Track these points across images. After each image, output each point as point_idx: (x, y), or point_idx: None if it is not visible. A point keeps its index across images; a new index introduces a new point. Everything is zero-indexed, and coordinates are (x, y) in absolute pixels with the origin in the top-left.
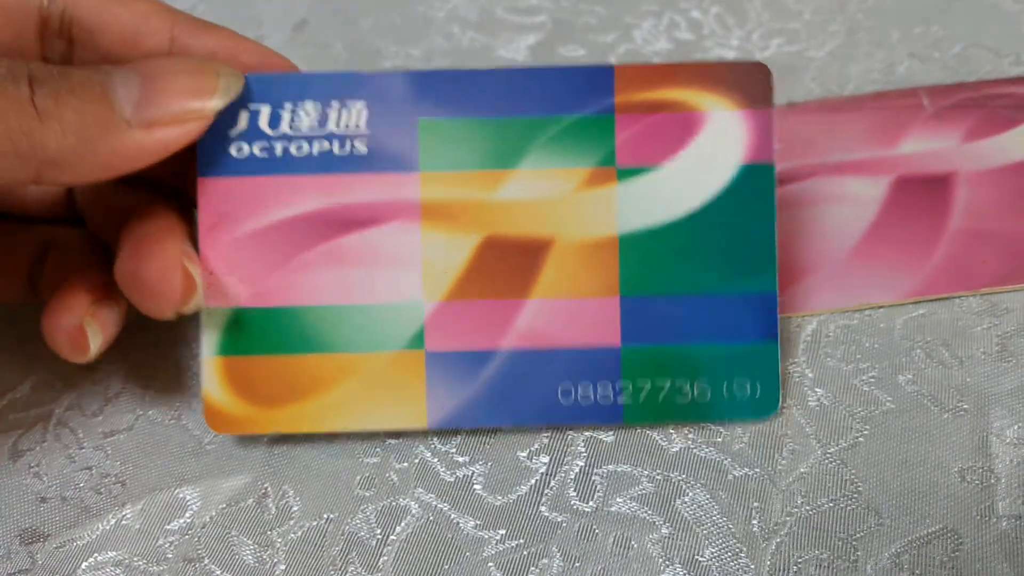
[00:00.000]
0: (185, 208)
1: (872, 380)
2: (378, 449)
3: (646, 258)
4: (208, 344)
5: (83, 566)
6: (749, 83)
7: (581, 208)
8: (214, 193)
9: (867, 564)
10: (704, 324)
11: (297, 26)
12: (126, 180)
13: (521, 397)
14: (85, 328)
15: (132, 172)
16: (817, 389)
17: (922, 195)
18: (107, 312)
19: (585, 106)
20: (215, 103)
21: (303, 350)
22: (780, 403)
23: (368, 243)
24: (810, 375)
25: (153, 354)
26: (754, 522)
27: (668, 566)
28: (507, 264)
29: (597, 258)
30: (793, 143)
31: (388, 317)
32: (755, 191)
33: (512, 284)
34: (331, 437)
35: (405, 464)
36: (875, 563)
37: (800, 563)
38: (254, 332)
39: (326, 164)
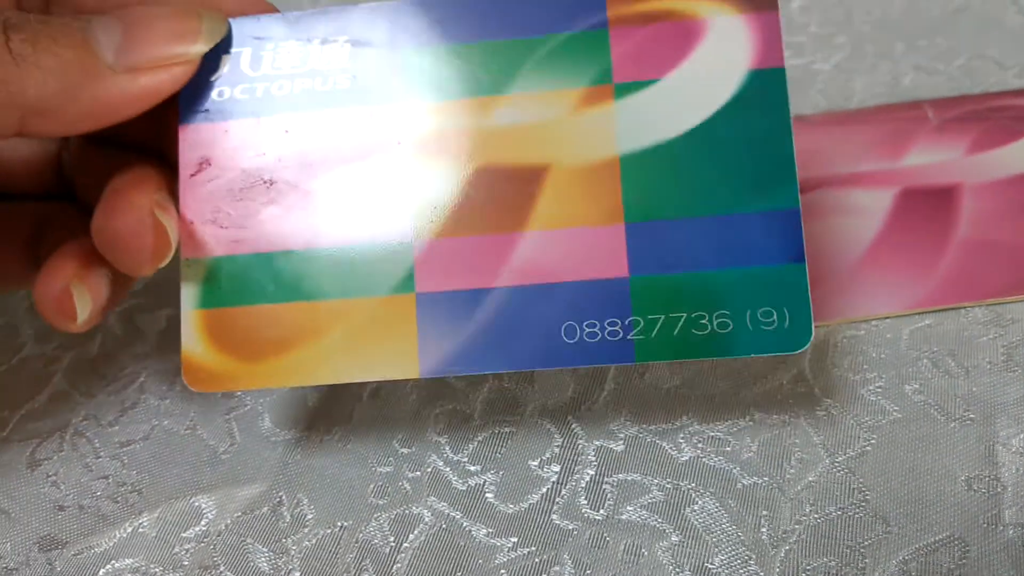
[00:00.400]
0: (166, 163)
1: (879, 390)
2: (391, 458)
3: (651, 179)
4: (187, 297)
5: (100, 573)
6: None
7: (578, 130)
8: (195, 139)
9: (875, 571)
10: (720, 248)
11: None
12: (112, 143)
13: (520, 338)
14: (72, 292)
15: (121, 121)
16: (825, 399)
17: (928, 206)
18: (96, 277)
19: (576, 23)
20: (199, 47)
21: (286, 299)
22: (812, 334)
23: (353, 180)
24: (817, 385)
25: (167, 366)
26: (763, 530)
27: (678, 573)
28: (501, 195)
29: (598, 183)
30: (799, 155)
31: (376, 258)
32: (766, 98)
33: (507, 216)
34: (345, 447)
35: (418, 473)
36: (883, 571)
37: (809, 570)
38: (235, 281)
39: (309, 101)
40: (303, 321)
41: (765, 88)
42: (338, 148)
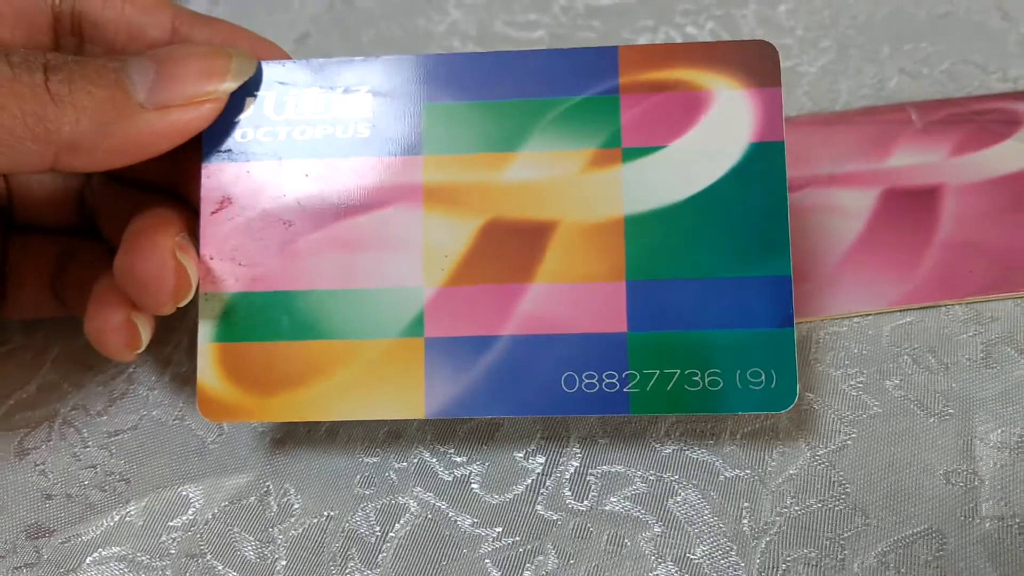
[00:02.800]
0: (186, 205)
1: (860, 385)
2: (378, 449)
3: (653, 241)
4: (204, 330)
5: (87, 561)
6: (755, 62)
7: (586, 190)
8: (218, 178)
9: (854, 563)
10: (715, 309)
11: (299, 39)
12: (133, 182)
13: (523, 386)
14: (134, 321)
15: (150, 157)
16: (807, 394)
17: (910, 207)
18: None
19: (589, 87)
20: (228, 84)
21: (300, 336)
22: (797, 394)
23: (369, 227)
24: (800, 380)
25: (157, 356)
26: (744, 521)
27: (660, 564)
28: (510, 247)
29: (602, 241)
30: (786, 156)
31: (387, 302)
32: (765, 170)
33: (515, 268)
34: (332, 437)
35: (404, 464)
36: (862, 562)
37: (789, 561)
38: (251, 318)
39: (329, 148)
40: (315, 359)
41: (765, 160)
42: (355, 194)
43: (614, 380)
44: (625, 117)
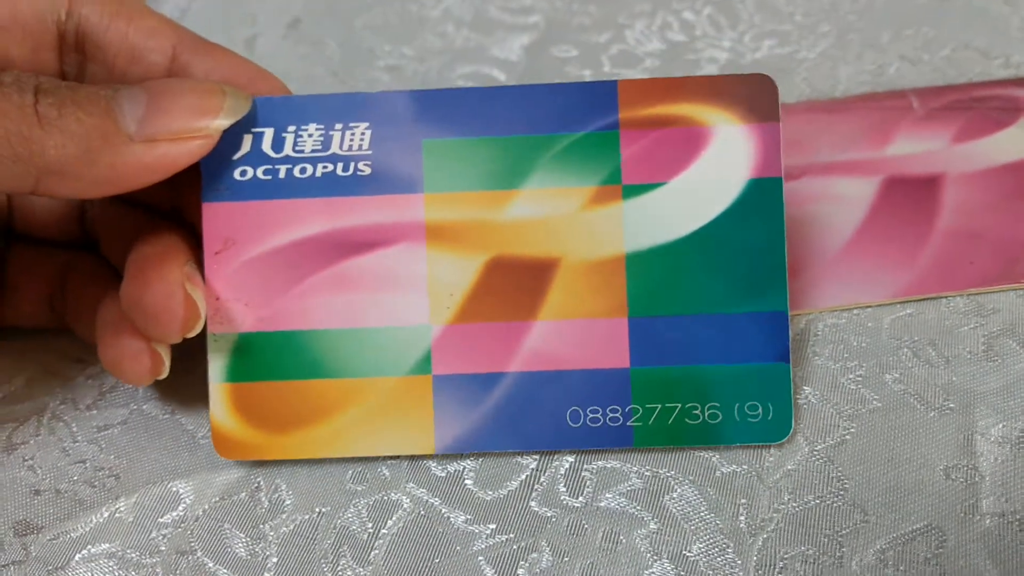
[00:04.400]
0: (191, 231)
1: (859, 378)
2: None
3: (654, 277)
4: (215, 370)
5: (76, 558)
6: (754, 96)
7: (587, 227)
8: (218, 218)
9: (852, 560)
10: (714, 345)
11: (291, 24)
12: (135, 203)
13: (530, 421)
14: (158, 348)
15: (135, 189)
16: (805, 387)
17: (911, 196)
18: None
19: (589, 123)
20: (220, 122)
21: (309, 375)
22: (792, 427)
23: (373, 266)
24: (798, 373)
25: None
26: (741, 518)
27: (656, 561)
28: (514, 285)
29: (604, 278)
30: (784, 143)
31: (394, 341)
32: (764, 206)
33: (519, 306)
34: None
35: (397, 459)
36: (860, 559)
37: (786, 559)
38: (260, 358)
39: (330, 186)
40: (325, 398)
41: (763, 196)
42: (358, 233)
43: (618, 414)
44: (625, 153)
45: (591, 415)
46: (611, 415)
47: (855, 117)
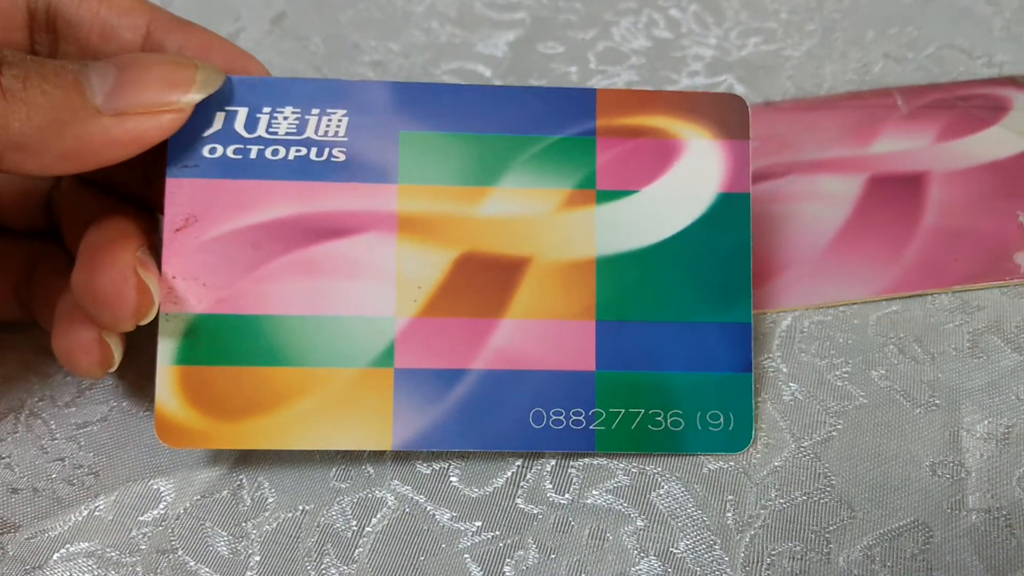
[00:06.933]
0: (149, 216)
1: (845, 375)
2: None
3: (623, 282)
4: (164, 352)
5: (55, 557)
6: (727, 114)
7: (560, 229)
8: (182, 194)
9: (839, 557)
10: (679, 353)
11: (275, 19)
12: (104, 188)
13: (491, 420)
14: (106, 340)
15: (104, 165)
16: (791, 384)
17: (895, 194)
18: None
19: (567, 127)
20: (191, 96)
21: (265, 362)
22: (753, 437)
23: (341, 254)
24: (784, 370)
25: (128, 345)
26: (728, 515)
27: (643, 558)
28: (483, 282)
29: (574, 280)
30: (769, 141)
31: (357, 331)
32: (731, 219)
33: (487, 303)
34: None
35: (381, 455)
36: (847, 556)
37: (774, 555)
38: (214, 341)
39: (302, 171)
40: (280, 386)
41: (731, 210)
42: (328, 220)
43: (581, 417)
44: (601, 160)
45: (554, 417)
46: (574, 417)
47: (840, 115)
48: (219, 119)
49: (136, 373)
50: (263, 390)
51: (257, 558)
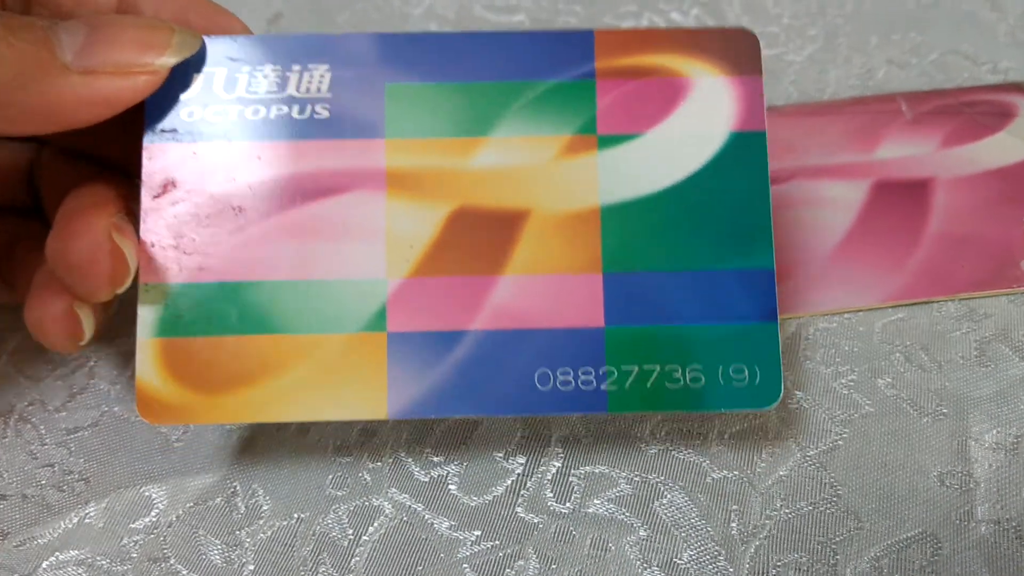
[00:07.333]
0: (130, 183)
1: (851, 383)
2: (351, 448)
3: (631, 232)
4: (144, 324)
5: (44, 565)
6: (736, 50)
7: (560, 177)
8: (160, 159)
9: (846, 568)
10: (696, 303)
11: (272, 19)
12: (83, 157)
13: (493, 384)
14: (78, 312)
15: (76, 126)
16: (796, 392)
17: (900, 199)
18: None
19: (564, 71)
20: (166, 59)
21: (251, 331)
22: (782, 390)
23: (327, 214)
24: (789, 378)
25: (119, 349)
26: (733, 525)
27: (646, 569)
28: (479, 237)
29: (577, 231)
30: (772, 146)
31: (347, 295)
32: (747, 160)
33: (484, 259)
34: (302, 434)
35: (378, 463)
36: (854, 567)
37: (779, 566)
38: (197, 310)
39: (284, 129)
40: (267, 355)
41: (746, 150)
42: (313, 179)
43: (590, 377)
44: (601, 103)
45: (561, 377)
46: (583, 377)
47: (844, 120)
48: (197, 81)
49: (127, 378)
50: (249, 360)
51: (251, 567)
